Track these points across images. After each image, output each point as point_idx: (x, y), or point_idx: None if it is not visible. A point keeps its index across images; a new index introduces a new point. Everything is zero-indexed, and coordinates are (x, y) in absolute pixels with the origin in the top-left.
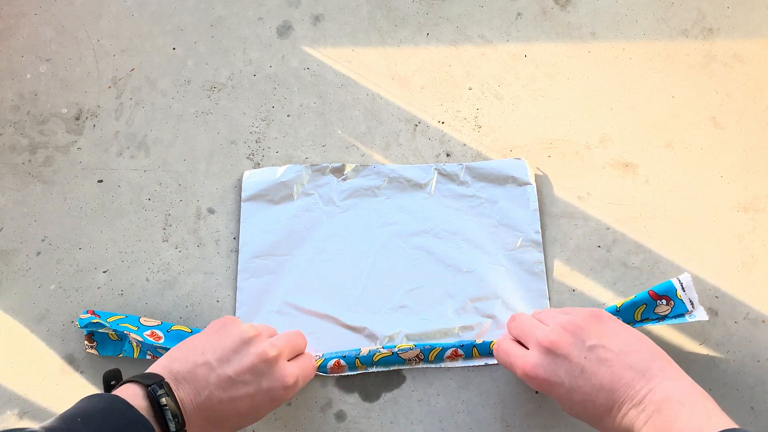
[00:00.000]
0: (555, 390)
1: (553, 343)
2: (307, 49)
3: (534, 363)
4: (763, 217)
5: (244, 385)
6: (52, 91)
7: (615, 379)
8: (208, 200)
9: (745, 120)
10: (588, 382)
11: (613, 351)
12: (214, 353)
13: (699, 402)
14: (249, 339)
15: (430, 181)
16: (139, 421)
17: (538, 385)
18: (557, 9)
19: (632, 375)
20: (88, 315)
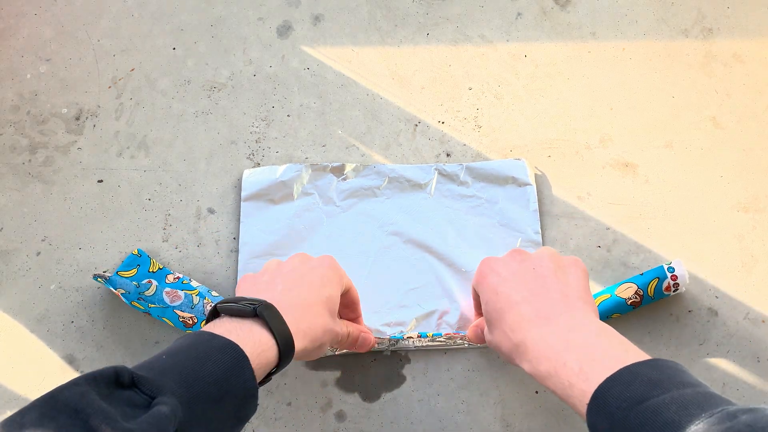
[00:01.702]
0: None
1: (521, 252)
2: (307, 49)
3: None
4: (763, 217)
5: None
6: (52, 91)
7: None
8: (208, 200)
9: (745, 120)
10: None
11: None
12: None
13: (616, 337)
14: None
15: (430, 182)
16: (227, 345)
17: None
18: (557, 9)
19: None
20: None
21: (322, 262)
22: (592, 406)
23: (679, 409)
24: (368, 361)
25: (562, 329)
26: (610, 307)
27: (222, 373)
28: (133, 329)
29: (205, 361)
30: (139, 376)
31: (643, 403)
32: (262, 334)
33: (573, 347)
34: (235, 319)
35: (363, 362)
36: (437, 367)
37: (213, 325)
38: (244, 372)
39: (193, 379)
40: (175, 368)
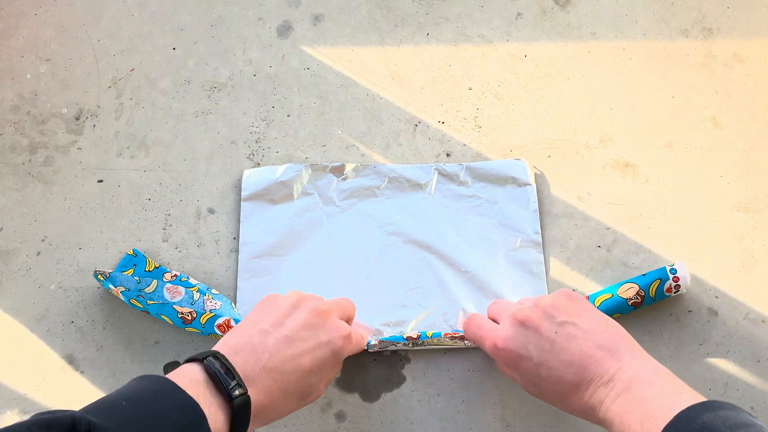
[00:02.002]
0: (523, 364)
1: (525, 317)
2: (307, 49)
3: (504, 335)
4: (763, 217)
5: (303, 342)
6: (52, 91)
7: (585, 356)
8: (208, 200)
9: (745, 120)
10: (557, 358)
11: (582, 329)
12: (268, 321)
13: (668, 380)
14: (297, 301)
15: (430, 181)
16: (187, 403)
17: (506, 358)
18: (557, 9)
19: (602, 354)
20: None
21: (329, 341)
22: None
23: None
24: (368, 361)
25: (620, 391)
26: (611, 307)
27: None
28: (133, 329)
29: (166, 416)
30: (95, 427)
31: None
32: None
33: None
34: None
35: (363, 362)
36: (437, 367)
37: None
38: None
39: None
40: (133, 420)
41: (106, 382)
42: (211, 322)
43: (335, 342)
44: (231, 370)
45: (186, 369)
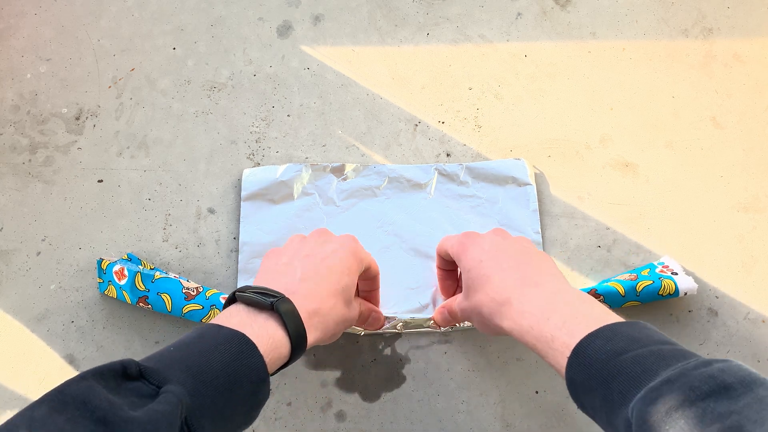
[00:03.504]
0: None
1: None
2: (307, 49)
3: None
4: (763, 217)
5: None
6: (52, 91)
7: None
8: (208, 200)
9: (745, 120)
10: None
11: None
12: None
13: (597, 303)
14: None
15: (430, 181)
16: (232, 335)
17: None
18: (557, 9)
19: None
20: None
21: (342, 245)
22: (572, 361)
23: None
24: (368, 361)
25: (548, 291)
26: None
27: (230, 362)
28: (133, 329)
29: (213, 352)
30: (146, 368)
31: (622, 355)
32: (276, 331)
33: (558, 306)
34: (250, 311)
35: (363, 362)
36: (437, 367)
37: (228, 316)
38: (253, 360)
39: (201, 368)
40: (182, 359)
41: None
42: (216, 295)
43: (347, 244)
44: (264, 290)
45: (225, 312)
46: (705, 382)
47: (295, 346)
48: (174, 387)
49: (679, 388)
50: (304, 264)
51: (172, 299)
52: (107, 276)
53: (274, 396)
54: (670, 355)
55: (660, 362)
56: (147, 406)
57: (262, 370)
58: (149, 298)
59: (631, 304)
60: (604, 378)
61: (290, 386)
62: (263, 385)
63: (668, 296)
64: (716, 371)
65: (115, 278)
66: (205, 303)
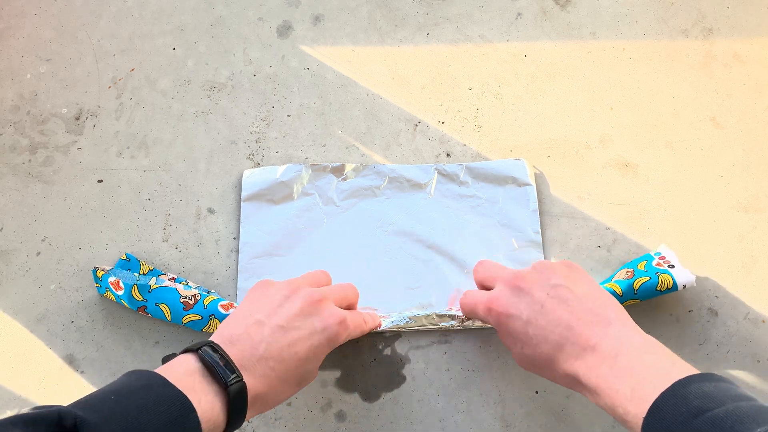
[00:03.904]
0: (512, 324)
1: (519, 277)
2: (307, 49)
3: (497, 296)
4: (763, 217)
5: (297, 330)
6: (52, 91)
7: (573, 317)
8: (208, 200)
9: (745, 120)
10: (545, 317)
11: (575, 293)
12: (262, 311)
13: (660, 350)
14: (290, 291)
15: (430, 182)
16: (175, 396)
17: (497, 317)
18: (557, 9)
19: (591, 318)
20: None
21: (325, 328)
22: (646, 424)
23: (735, 422)
24: (368, 361)
25: (608, 356)
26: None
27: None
28: (133, 329)
29: (154, 410)
30: (82, 420)
31: (700, 417)
32: (220, 409)
33: (622, 373)
34: (204, 375)
35: (363, 362)
36: (437, 367)
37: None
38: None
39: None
40: (120, 415)
41: (106, 382)
42: (214, 303)
43: (330, 329)
44: (226, 359)
45: (181, 360)
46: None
47: (230, 426)
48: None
49: None
50: (273, 338)
51: (171, 310)
52: (104, 284)
53: None
54: (749, 415)
55: (739, 425)
56: None
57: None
58: (148, 308)
59: (630, 303)
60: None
61: None
62: None
63: (667, 291)
64: None
65: (111, 288)
66: (204, 313)
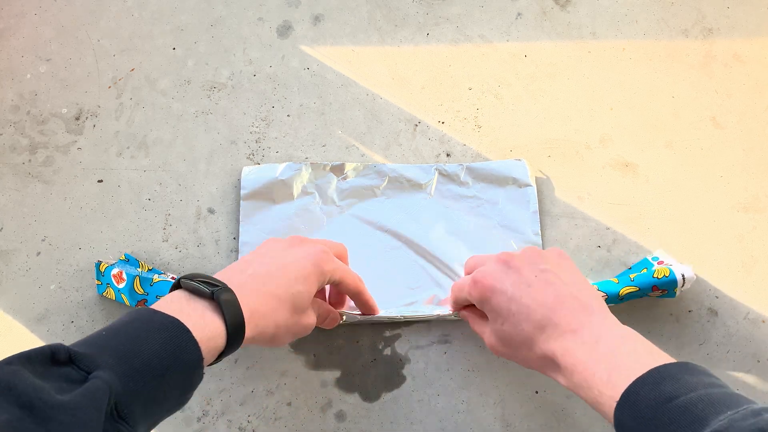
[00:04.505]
0: (496, 298)
1: (509, 255)
2: (307, 49)
3: (484, 270)
4: (763, 217)
5: (283, 257)
6: (52, 91)
7: (557, 300)
8: (208, 200)
9: (745, 120)
10: (530, 296)
11: (562, 279)
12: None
13: (640, 341)
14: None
15: (430, 182)
16: (167, 321)
17: (481, 290)
18: (557, 9)
19: (575, 304)
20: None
21: (309, 254)
22: (620, 407)
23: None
24: (368, 361)
25: (589, 340)
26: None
27: (162, 348)
28: None
29: (146, 337)
30: (75, 353)
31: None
32: (214, 320)
33: (601, 357)
34: (191, 298)
35: (363, 362)
36: (437, 367)
37: (167, 301)
38: (187, 346)
39: (132, 354)
40: (113, 344)
41: None
42: None
43: (314, 255)
44: (209, 279)
45: (166, 296)
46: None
47: (231, 338)
48: (103, 372)
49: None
50: (260, 263)
51: None
52: (105, 279)
53: (274, 396)
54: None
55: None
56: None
57: (196, 356)
58: (148, 301)
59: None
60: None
61: (290, 386)
62: (197, 372)
63: (664, 279)
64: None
65: (113, 281)
66: None
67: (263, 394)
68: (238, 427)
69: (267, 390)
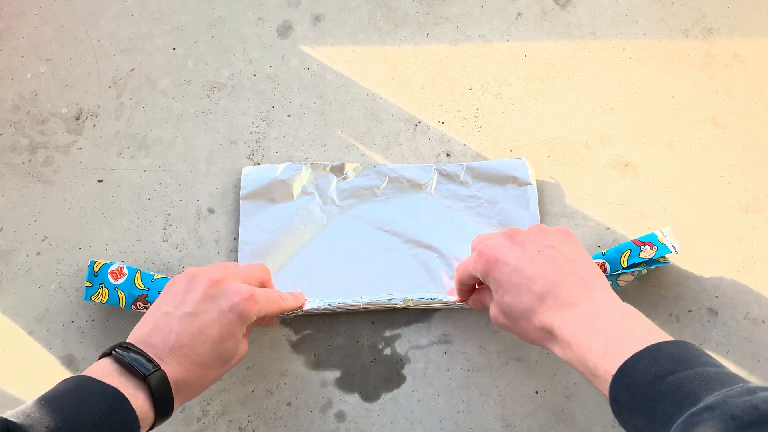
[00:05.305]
0: (498, 269)
1: (514, 231)
2: (307, 49)
3: (489, 243)
4: (763, 217)
5: (205, 314)
6: (52, 91)
7: (559, 274)
8: (208, 200)
9: (745, 120)
10: (532, 269)
11: (565, 256)
12: (169, 303)
13: (640, 318)
14: (192, 277)
15: (430, 182)
16: (105, 390)
17: (485, 262)
18: (557, 9)
19: (577, 280)
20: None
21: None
22: (615, 380)
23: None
24: (368, 361)
25: (588, 314)
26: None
27: (102, 416)
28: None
29: (86, 405)
30: (14, 425)
31: (667, 377)
32: (146, 401)
33: (599, 330)
34: (122, 373)
35: (363, 362)
36: (437, 367)
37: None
38: (125, 413)
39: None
40: (53, 414)
41: None
42: None
43: (238, 306)
44: (140, 354)
45: (97, 365)
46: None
47: (160, 415)
48: None
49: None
50: (181, 326)
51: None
52: (99, 278)
53: (274, 396)
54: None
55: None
56: None
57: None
58: (149, 296)
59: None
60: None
61: (290, 386)
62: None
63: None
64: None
65: (110, 278)
66: None
67: (263, 394)
68: (238, 427)
69: (267, 390)
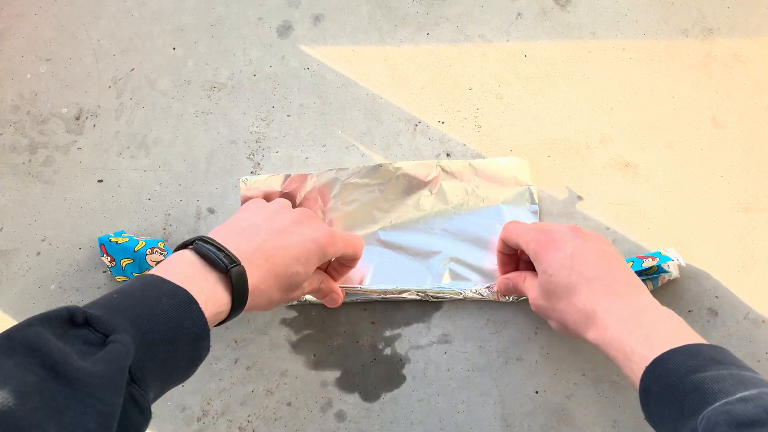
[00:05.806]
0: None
1: (580, 229)
2: (307, 49)
3: (554, 229)
4: (763, 217)
5: (291, 234)
6: (52, 91)
7: (612, 272)
8: (208, 200)
9: (745, 120)
10: (588, 257)
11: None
12: (258, 216)
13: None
14: (285, 204)
15: (431, 180)
16: (175, 290)
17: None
18: (557, 9)
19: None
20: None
21: (315, 237)
22: (649, 370)
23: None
24: (368, 361)
25: (634, 307)
26: None
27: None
28: None
29: (157, 303)
30: (92, 315)
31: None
32: (223, 295)
33: (643, 321)
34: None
35: (363, 362)
36: (437, 367)
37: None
38: (193, 316)
39: (145, 319)
40: (127, 308)
41: None
42: None
43: (321, 238)
44: (222, 249)
45: (176, 256)
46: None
47: (233, 313)
48: (121, 337)
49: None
50: (268, 235)
51: None
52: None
53: (274, 396)
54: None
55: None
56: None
57: (203, 330)
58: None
59: None
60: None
61: (290, 386)
62: (204, 343)
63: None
64: None
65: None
66: None
67: (263, 394)
68: (238, 427)
69: (267, 390)
